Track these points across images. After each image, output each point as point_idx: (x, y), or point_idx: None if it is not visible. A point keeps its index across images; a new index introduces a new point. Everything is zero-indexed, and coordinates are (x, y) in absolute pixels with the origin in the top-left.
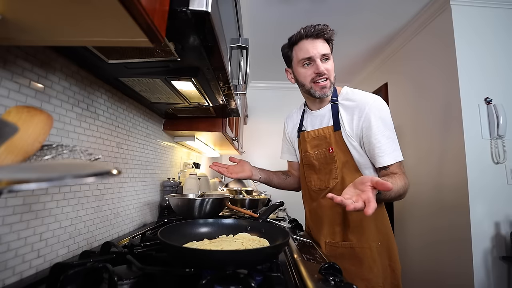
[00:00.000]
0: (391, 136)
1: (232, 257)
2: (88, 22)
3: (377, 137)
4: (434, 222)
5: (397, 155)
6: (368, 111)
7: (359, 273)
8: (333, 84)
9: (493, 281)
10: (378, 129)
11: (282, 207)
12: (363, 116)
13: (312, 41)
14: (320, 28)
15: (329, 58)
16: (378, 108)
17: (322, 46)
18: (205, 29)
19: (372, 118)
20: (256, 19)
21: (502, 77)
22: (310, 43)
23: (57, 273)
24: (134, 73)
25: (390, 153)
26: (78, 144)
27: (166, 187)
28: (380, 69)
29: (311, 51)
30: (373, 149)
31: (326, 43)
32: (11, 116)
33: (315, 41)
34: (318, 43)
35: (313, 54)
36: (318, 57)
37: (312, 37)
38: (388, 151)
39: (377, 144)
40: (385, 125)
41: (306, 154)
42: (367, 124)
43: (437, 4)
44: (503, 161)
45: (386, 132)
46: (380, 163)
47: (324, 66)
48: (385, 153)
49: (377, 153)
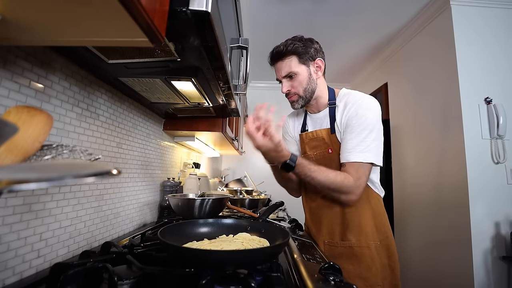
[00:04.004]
0: (368, 136)
1: (232, 257)
2: (88, 22)
3: (352, 133)
4: (434, 222)
5: (364, 156)
6: (351, 107)
7: (358, 272)
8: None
9: (493, 281)
10: (357, 126)
11: (282, 207)
12: (347, 113)
13: (275, 64)
14: (276, 51)
15: (295, 74)
16: (365, 107)
17: (284, 67)
18: (205, 29)
19: (353, 114)
20: (256, 19)
21: (502, 77)
22: (275, 67)
23: (57, 273)
24: (134, 73)
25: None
26: (78, 144)
27: (166, 187)
28: (380, 69)
29: (277, 75)
30: (343, 144)
31: (291, 59)
32: (11, 116)
33: (277, 64)
34: (281, 65)
35: (278, 77)
36: (281, 79)
37: (274, 61)
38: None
39: (348, 139)
40: (366, 124)
41: (306, 155)
42: (347, 120)
43: (437, 4)
44: (503, 161)
45: (364, 131)
46: (342, 158)
47: (289, 84)
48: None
49: (344, 148)
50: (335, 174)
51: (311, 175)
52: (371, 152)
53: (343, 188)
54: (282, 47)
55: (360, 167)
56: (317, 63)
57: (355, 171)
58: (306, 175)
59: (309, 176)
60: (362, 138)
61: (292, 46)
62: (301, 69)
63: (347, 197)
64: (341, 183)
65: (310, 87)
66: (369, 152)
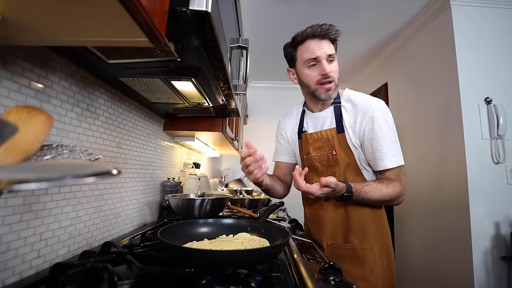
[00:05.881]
0: (393, 140)
1: (232, 257)
2: (88, 22)
3: (379, 140)
4: (434, 222)
5: (398, 159)
6: (372, 114)
7: (360, 275)
8: (337, 86)
9: (493, 281)
10: (381, 132)
11: (282, 207)
12: (366, 119)
13: (318, 41)
14: (327, 28)
15: (334, 59)
16: (382, 111)
17: (328, 47)
18: (205, 29)
19: (375, 121)
20: (256, 19)
21: (502, 77)
22: (317, 43)
23: (57, 273)
24: (134, 73)
25: (391, 157)
26: (78, 144)
27: (166, 187)
28: (380, 69)
29: (317, 52)
30: (375, 152)
31: (331, 43)
32: (11, 116)
33: (321, 41)
34: (324, 43)
35: (319, 54)
36: (324, 58)
37: (318, 37)
38: (390, 155)
39: (378, 147)
40: (388, 128)
41: (308, 156)
42: (370, 127)
43: (437, 4)
44: (503, 161)
45: (389, 135)
46: (380, 166)
47: (329, 68)
48: (386, 156)
49: (378, 156)
50: (386, 188)
51: (367, 197)
52: (400, 155)
53: (395, 196)
54: (335, 29)
55: (398, 171)
56: None
57: (396, 176)
58: (364, 198)
59: (366, 199)
60: (389, 143)
61: (337, 33)
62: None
63: (399, 200)
64: (393, 193)
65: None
66: (398, 155)
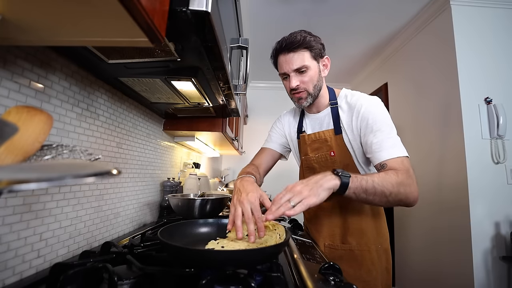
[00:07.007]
0: (390, 133)
1: (232, 257)
2: (88, 22)
3: (376, 134)
4: (434, 222)
5: (396, 150)
6: (364, 110)
7: (358, 276)
8: (312, 94)
9: (493, 281)
10: (376, 125)
11: None
12: (360, 116)
13: (285, 55)
14: (291, 41)
15: (307, 69)
16: (374, 105)
17: (297, 59)
18: (205, 29)
19: (369, 116)
20: (256, 19)
21: (502, 77)
22: (284, 58)
23: (57, 273)
24: (134, 73)
25: (389, 148)
26: (78, 144)
27: (166, 187)
28: (380, 69)
29: (284, 67)
30: (371, 146)
31: (304, 52)
32: (11, 116)
33: (288, 55)
34: (292, 57)
35: (286, 70)
36: (291, 73)
37: (285, 52)
38: (386, 146)
39: (374, 140)
40: (382, 121)
41: (307, 157)
42: (365, 122)
43: (437, 4)
44: (503, 161)
45: (385, 129)
46: (378, 158)
47: (299, 79)
48: (383, 148)
49: (375, 149)
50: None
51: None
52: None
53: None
54: (298, 37)
55: (401, 161)
56: (324, 61)
57: (401, 164)
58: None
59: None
60: (386, 135)
61: (307, 38)
62: (313, 65)
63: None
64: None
65: (318, 85)
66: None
